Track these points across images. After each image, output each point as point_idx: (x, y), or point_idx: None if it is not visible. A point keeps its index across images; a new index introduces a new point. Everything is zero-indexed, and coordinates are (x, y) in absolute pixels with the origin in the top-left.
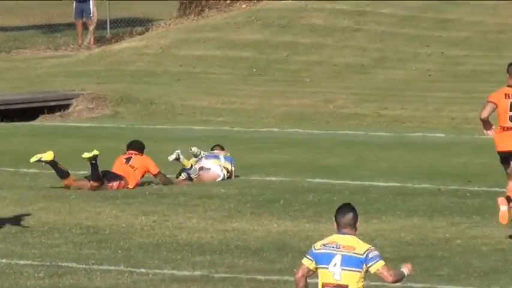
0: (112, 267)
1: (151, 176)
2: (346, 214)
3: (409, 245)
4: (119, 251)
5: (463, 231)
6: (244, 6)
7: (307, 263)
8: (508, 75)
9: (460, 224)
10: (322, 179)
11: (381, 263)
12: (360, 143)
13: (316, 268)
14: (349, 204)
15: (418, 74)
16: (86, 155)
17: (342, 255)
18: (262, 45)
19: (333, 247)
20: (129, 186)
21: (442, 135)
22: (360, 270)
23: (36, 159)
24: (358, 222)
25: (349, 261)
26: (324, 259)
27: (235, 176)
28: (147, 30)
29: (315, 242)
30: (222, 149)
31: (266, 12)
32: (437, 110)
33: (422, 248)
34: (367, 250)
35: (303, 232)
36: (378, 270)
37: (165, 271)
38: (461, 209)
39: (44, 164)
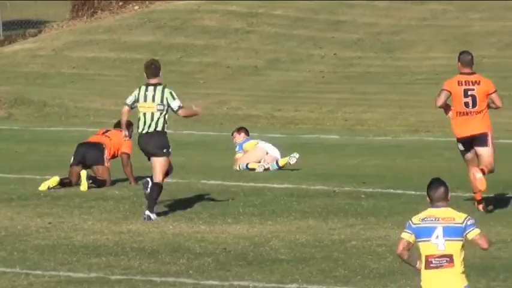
0: (8, 269)
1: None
2: (438, 189)
3: (304, 247)
4: (15, 253)
5: (358, 233)
6: (136, 8)
7: (407, 236)
8: (459, 64)
9: (355, 225)
10: (216, 181)
11: (477, 230)
12: None
13: (416, 242)
14: (439, 178)
15: (312, 76)
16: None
17: (443, 227)
18: (155, 47)
19: (432, 220)
20: (108, 152)
21: (336, 136)
22: (462, 238)
23: (46, 187)
24: (450, 195)
25: (451, 232)
26: (424, 233)
27: None
28: (40, 32)
29: (412, 217)
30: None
31: (159, 14)
32: (330, 111)
33: (317, 250)
34: (465, 219)
35: (199, 234)
36: (474, 237)
37: (61, 273)
38: (356, 210)
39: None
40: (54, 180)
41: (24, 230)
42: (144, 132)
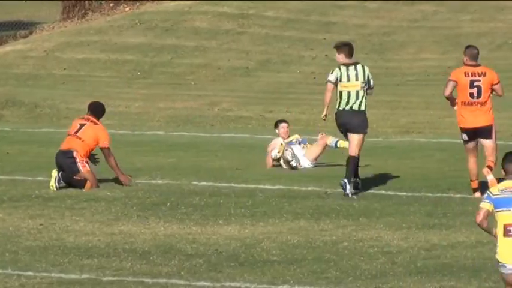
0: None
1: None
2: None
3: (296, 248)
4: (6, 254)
5: (349, 234)
6: (127, 9)
7: (487, 206)
8: (466, 58)
9: (346, 226)
10: (208, 182)
11: None
12: (245, 145)
13: (494, 211)
14: None
15: (303, 77)
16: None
17: None
18: (146, 48)
19: (511, 191)
20: (81, 157)
21: None
22: None
23: (53, 186)
24: None
25: None
26: (504, 203)
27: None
28: (31, 33)
29: (490, 188)
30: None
31: (150, 15)
32: (322, 112)
33: (309, 251)
34: None
35: (190, 235)
36: None
37: (52, 274)
38: (348, 211)
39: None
40: (53, 172)
41: (16, 232)
42: (347, 109)
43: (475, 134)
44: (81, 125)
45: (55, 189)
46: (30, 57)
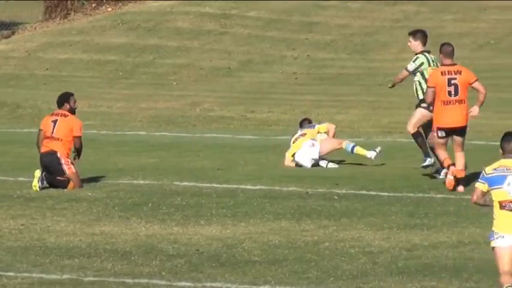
0: None
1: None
2: (511, 142)
3: (277, 248)
4: None
5: (331, 234)
6: (109, 9)
7: (481, 186)
8: (441, 55)
9: (328, 226)
10: (189, 182)
11: None
12: (227, 146)
13: (489, 190)
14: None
15: (285, 77)
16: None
17: None
18: (128, 49)
19: (503, 169)
20: (65, 158)
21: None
22: None
23: (36, 186)
24: None
25: None
26: (497, 181)
27: None
28: (13, 33)
29: (485, 168)
30: (309, 122)
31: (132, 15)
32: (304, 113)
33: (290, 251)
34: None
35: (172, 235)
36: None
37: (33, 275)
38: (329, 211)
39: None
40: (37, 173)
41: None
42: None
43: (452, 132)
44: (54, 122)
45: (38, 189)
46: (12, 57)
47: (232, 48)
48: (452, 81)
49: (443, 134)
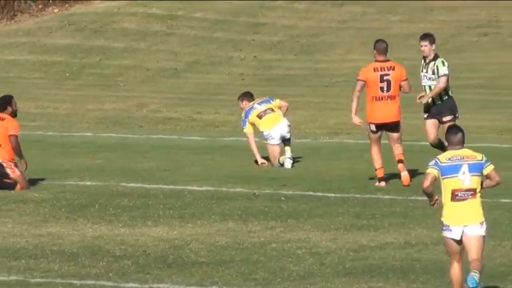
0: None
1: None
2: (457, 135)
3: (224, 249)
4: None
5: (278, 235)
6: (56, 10)
7: (434, 172)
8: (375, 52)
9: (275, 227)
10: (136, 184)
11: (492, 166)
12: (173, 147)
13: (441, 178)
14: (457, 125)
15: (231, 78)
16: None
17: (468, 164)
18: (75, 50)
19: (458, 159)
20: (8, 162)
21: (256, 139)
22: (481, 174)
23: None
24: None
25: (475, 168)
26: (452, 170)
27: None
28: None
29: (438, 156)
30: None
31: (78, 16)
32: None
33: (237, 252)
34: (483, 156)
35: (118, 236)
36: (489, 172)
37: None
38: (276, 213)
39: None
40: None
41: None
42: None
43: (384, 127)
44: None
45: None
46: None
47: (178, 50)
48: (385, 77)
49: (374, 128)
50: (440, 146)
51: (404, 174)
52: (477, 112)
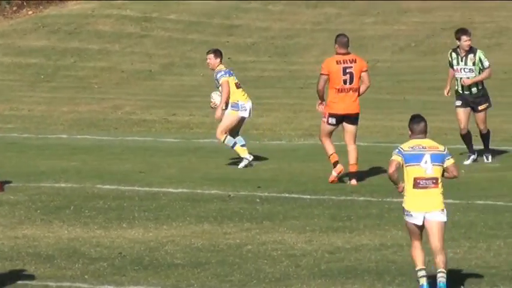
0: None
1: None
2: (420, 123)
3: (200, 251)
4: None
5: (253, 237)
6: (30, 12)
7: (398, 158)
8: (336, 46)
9: (250, 229)
10: (111, 186)
11: (452, 160)
12: (149, 149)
13: (404, 166)
14: (420, 115)
15: (206, 80)
16: None
17: (430, 154)
18: (49, 52)
19: (420, 148)
20: None
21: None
22: (443, 164)
23: None
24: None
25: (436, 158)
26: (414, 158)
27: None
28: None
29: (401, 145)
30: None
31: (53, 18)
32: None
33: (213, 254)
34: (445, 148)
35: (94, 238)
36: (449, 165)
37: None
38: (252, 214)
39: None
40: None
41: None
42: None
43: (343, 119)
44: None
45: None
46: None
47: (153, 51)
48: (348, 70)
49: (334, 122)
50: (467, 140)
51: (353, 183)
52: (451, 114)
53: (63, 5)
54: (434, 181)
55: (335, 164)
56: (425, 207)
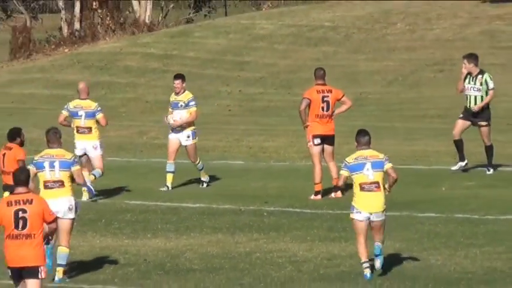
0: None
1: None
2: (365, 137)
3: (214, 258)
4: None
5: (261, 246)
6: (67, 50)
7: (345, 173)
8: (315, 77)
9: (258, 239)
10: (138, 201)
11: (390, 164)
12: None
13: (351, 175)
14: (365, 129)
15: (220, 109)
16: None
17: (371, 162)
18: None
19: (362, 158)
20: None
21: (242, 162)
22: (383, 170)
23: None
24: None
25: (377, 165)
26: (357, 167)
27: None
28: None
29: (346, 158)
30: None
31: (86, 55)
32: (236, 140)
33: (226, 261)
34: (384, 156)
35: (122, 247)
36: (388, 169)
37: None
38: (260, 226)
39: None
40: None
41: None
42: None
43: (324, 140)
44: (3, 156)
45: None
46: None
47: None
48: (325, 99)
49: (319, 141)
50: (459, 147)
51: (337, 194)
52: (434, 139)
53: (95, 44)
54: (376, 185)
55: (317, 193)
56: (370, 208)
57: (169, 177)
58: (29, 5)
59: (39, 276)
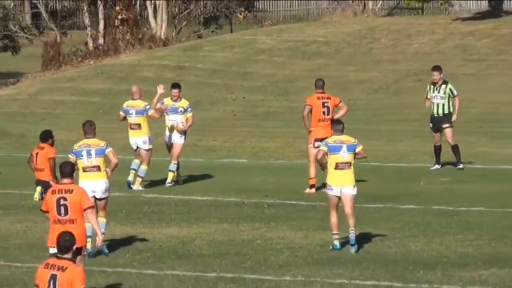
0: None
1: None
2: (339, 125)
3: (221, 244)
4: (0, 250)
5: (262, 234)
6: (91, 62)
7: (324, 148)
8: (315, 87)
9: (260, 228)
10: (154, 194)
11: (361, 146)
12: (182, 167)
13: (329, 154)
14: (339, 119)
15: (226, 114)
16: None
17: (346, 145)
18: (106, 93)
19: (339, 142)
20: (52, 181)
21: (245, 160)
22: (355, 151)
23: (36, 198)
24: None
25: (350, 148)
26: (336, 149)
27: None
28: (18, 81)
29: (327, 139)
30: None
31: (109, 67)
32: (240, 141)
33: (231, 247)
34: (355, 140)
35: (140, 234)
36: (359, 150)
37: (36, 265)
38: (261, 216)
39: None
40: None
41: (7, 232)
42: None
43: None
44: (36, 154)
45: (37, 200)
46: (18, 99)
47: (185, 92)
48: (326, 104)
49: (319, 144)
50: (437, 153)
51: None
52: (414, 140)
53: (117, 57)
54: (349, 165)
55: (311, 186)
56: (342, 183)
57: (170, 175)
58: (59, 22)
59: (82, 253)
